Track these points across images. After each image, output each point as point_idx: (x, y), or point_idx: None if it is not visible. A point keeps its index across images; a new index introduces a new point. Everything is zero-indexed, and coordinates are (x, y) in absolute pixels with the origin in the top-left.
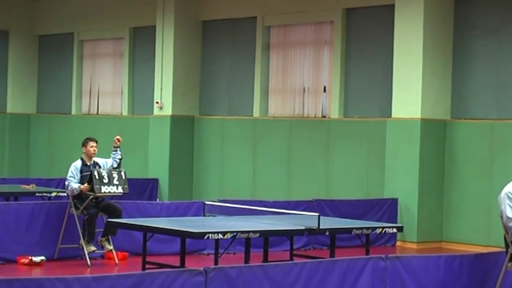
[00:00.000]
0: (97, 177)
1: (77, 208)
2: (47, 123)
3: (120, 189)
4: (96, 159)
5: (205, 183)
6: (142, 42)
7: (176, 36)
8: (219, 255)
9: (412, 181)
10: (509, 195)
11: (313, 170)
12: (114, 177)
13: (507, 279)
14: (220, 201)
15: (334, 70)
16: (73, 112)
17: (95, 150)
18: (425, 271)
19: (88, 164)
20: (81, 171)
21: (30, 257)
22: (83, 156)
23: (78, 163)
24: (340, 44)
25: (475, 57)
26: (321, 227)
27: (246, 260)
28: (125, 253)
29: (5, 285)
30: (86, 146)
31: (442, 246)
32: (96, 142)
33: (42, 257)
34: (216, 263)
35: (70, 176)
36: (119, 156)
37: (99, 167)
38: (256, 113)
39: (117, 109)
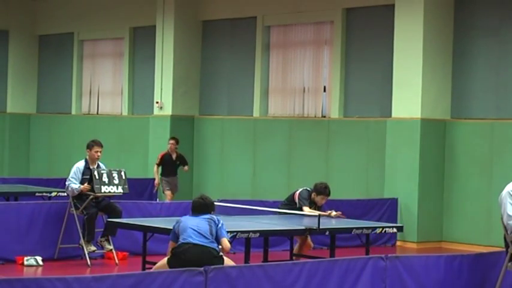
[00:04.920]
0: (97, 177)
1: (76, 208)
2: (47, 123)
3: (120, 189)
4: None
5: (205, 183)
6: (142, 42)
7: (176, 36)
8: None
9: (412, 181)
10: (511, 193)
11: (313, 170)
12: (114, 177)
13: (507, 279)
14: (220, 201)
15: (334, 70)
16: (73, 112)
17: (99, 156)
18: (425, 271)
19: (91, 167)
20: (83, 174)
21: (24, 259)
22: (87, 158)
23: (81, 164)
24: (340, 44)
25: (475, 58)
26: (321, 227)
27: (246, 260)
28: (124, 253)
29: (5, 285)
30: (90, 150)
31: (442, 246)
32: (102, 147)
33: (37, 258)
34: None
35: (72, 177)
36: None
37: None
38: (256, 113)
39: (117, 109)
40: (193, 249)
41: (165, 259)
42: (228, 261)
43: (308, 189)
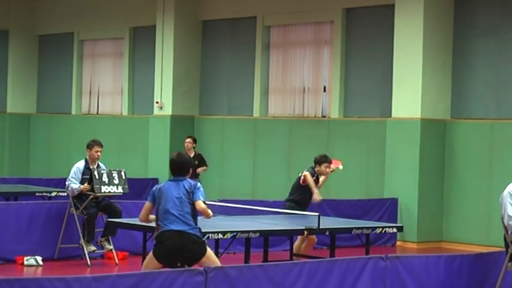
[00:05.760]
0: (97, 177)
1: (76, 208)
2: (47, 123)
3: (120, 189)
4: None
5: (205, 183)
6: (142, 42)
7: (176, 36)
8: (219, 255)
9: (412, 181)
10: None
11: None
12: (114, 177)
13: (507, 279)
14: (220, 201)
15: (334, 70)
16: (73, 112)
17: (99, 156)
18: (425, 271)
19: (91, 167)
20: (83, 174)
21: (24, 259)
22: (87, 158)
23: (81, 164)
24: (340, 43)
25: (475, 57)
26: (321, 227)
27: (246, 260)
28: (124, 253)
29: (5, 285)
30: (90, 150)
31: (442, 246)
32: (102, 146)
33: (37, 258)
34: None
35: (72, 177)
36: None
37: None
38: (256, 113)
39: (117, 109)
40: (175, 235)
41: (151, 252)
42: (210, 253)
43: (309, 169)
